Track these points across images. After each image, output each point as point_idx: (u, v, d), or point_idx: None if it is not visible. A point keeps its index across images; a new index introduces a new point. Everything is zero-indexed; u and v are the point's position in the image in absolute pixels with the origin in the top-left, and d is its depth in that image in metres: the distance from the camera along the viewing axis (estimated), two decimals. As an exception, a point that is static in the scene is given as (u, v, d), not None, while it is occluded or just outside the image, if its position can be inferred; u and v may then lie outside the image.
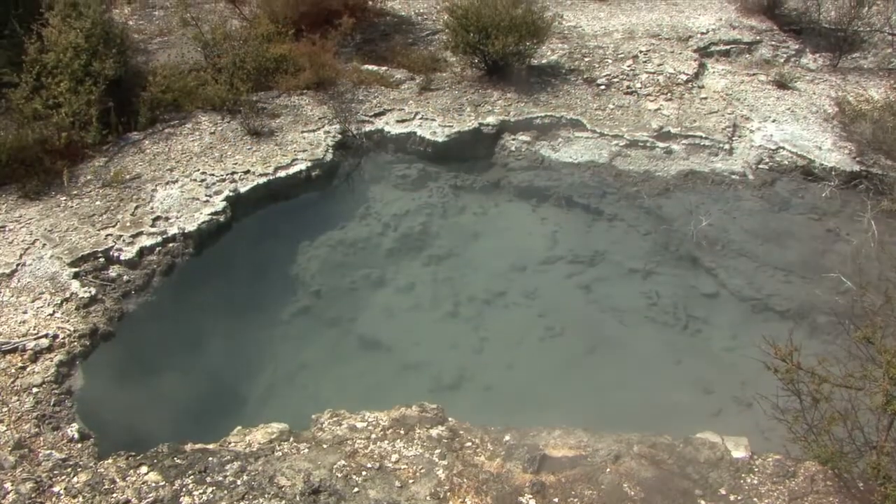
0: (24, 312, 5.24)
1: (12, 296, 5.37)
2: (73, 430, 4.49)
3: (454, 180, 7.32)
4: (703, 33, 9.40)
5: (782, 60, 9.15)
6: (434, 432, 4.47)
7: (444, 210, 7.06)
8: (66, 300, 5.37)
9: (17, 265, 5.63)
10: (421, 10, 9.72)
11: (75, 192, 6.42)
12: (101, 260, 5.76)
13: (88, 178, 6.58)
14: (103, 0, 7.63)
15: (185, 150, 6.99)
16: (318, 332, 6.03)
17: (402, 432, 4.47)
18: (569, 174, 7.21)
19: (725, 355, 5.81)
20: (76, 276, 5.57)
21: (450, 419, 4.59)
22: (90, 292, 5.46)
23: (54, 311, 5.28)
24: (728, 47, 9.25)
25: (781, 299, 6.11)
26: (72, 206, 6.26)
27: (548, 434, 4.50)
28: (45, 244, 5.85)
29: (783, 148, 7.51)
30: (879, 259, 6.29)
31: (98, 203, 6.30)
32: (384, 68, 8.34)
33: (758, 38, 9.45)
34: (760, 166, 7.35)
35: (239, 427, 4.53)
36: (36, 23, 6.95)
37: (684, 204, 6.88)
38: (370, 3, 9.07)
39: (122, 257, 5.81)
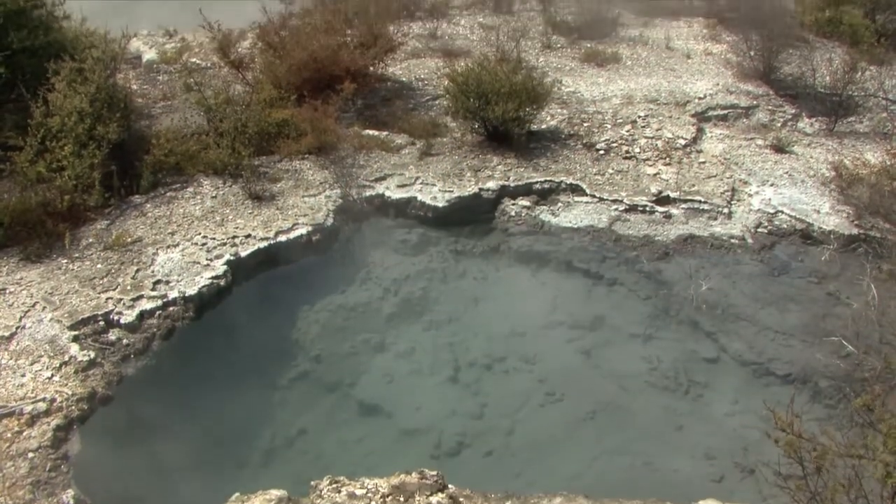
0: (23, 376, 5.32)
1: (11, 359, 5.46)
2: (68, 496, 4.52)
3: (454, 245, 7.46)
4: (700, 98, 9.68)
5: (779, 125, 9.40)
6: (434, 500, 4.50)
7: (444, 275, 7.18)
8: (65, 363, 5.46)
9: (17, 328, 5.73)
10: (421, 76, 10.02)
11: (77, 254, 6.56)
12: (101, 323, 5.87)
13: (90, 240, 6.73)
14: (108, 66, 7.86)
15: (186, 214, 7.16)
16: (317, 397, 6.09)
17: (401, 500, 4.50)
18: (569, 239, 7.36)
19: (727, 420, 5.86)
20: (75, 339, 5.66)
21: (450, 486, 4.62)
22: (89, 356, 5.55)
23: (53, 375, 5.36)
24: (725, 112, 9.52)
25: (782, 363, 6.19)
26: (73, 269, 6.39)
27: (549, 501, 4.54)
28: (45, 307, 5.96)
29: (782, 212, 7.68)
30: (880, 323, 6.37)
31: (99, 266, 6.44)
32: (385, 133, 8.57)
33: (755, 102, 9.73)
34: (759, 230, 7.51)
35: (237, 493, 4.56)
36: (42, 87, 7.19)
37: (684, 268, 7.01)
38: (371, 68, 9.35)
39: (122, 321, 5.91)
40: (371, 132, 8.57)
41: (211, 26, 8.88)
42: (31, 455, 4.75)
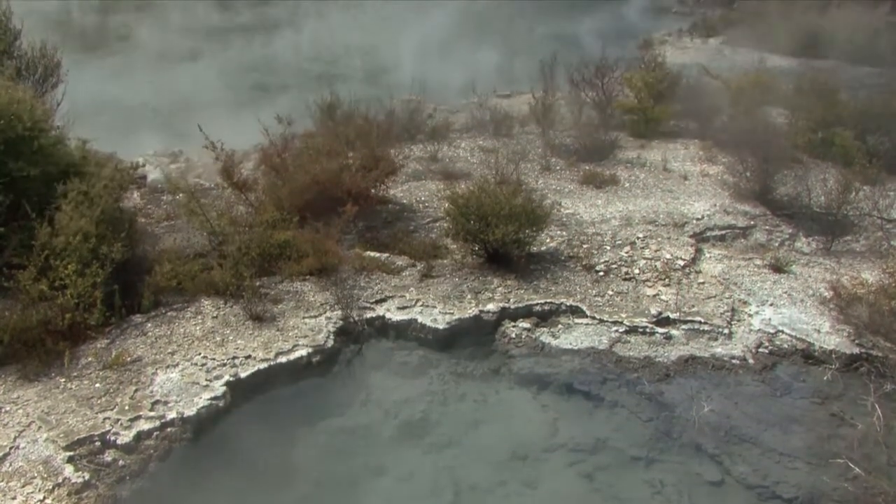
0: (13, 499, 5.43)
1: (2, 481, 5.58)
2: None
3: (455, 367, 7.67)
4: (698, 219, 10.10)
5: (777, 244, 9.78)
6: None
7: (444, 397, 7.36)
8: (59, 485, 5.59)
9: (11, 448, 5.88)
10: (422, 198, 10.48)
11: (75, 373, 6.78)
12: (98, 444, 6.02)
13: (89, 359, 6.95)
14: (114, 191, 8.25)
15: (187, 334, 7.41)
16: (315, 523, 6.16)
17: None
18: (569, 361, 7.57)
19: (734, 547, 5.91)
20: (70, 460, 5.81)
21: None
22: (84, 477, 5.68)
23: (45, 497, 5.49)
24: (723, 232, 9.92)
25: (788, 486, 6.28)
26: (71, 388, 6.59)
27: None
28: (40, 426, 6.12)
29: (782, 331, 7.93)
30: (887, 444, 6.49)
31: (97, 385, 6.63)
32: (386, 255, 8.93)
33: (752, 223, 10.14)
34: (760, 350, 7.74)
35: None
36: (49, 208, 7.55)
37: (686, 389, 7.20)
38: (373, 191, 9.79)
39: (118, 441, 6.07)
40: (372, 254, 8.93)
41: (214, 147, 9.36)
42: (22, 582, 4.80)
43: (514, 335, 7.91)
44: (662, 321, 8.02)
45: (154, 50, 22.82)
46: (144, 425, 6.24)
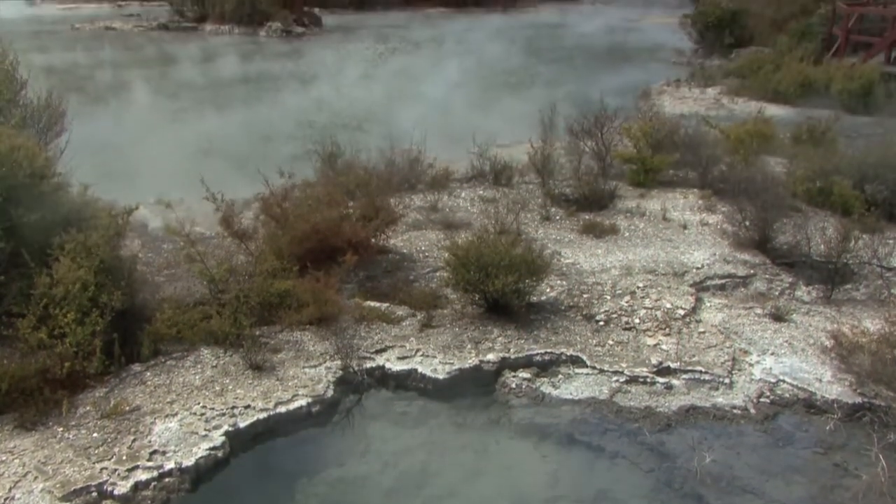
0: (6, 554, 5.44)
1: (0, 534, 5.60)
2: None
3: (455, 417, 7.69)
4: (698, 268, 10.20)
5: (777, 293, 9.86)
6: None
7: (444, 448, 7.37)
8: (54, 539, 5.59)
9: (6, 499, 5.88)
10: (422, 248, 10.61)
11: (73, 422, 6.82)
12: (94, 494, 6.04)
13: (87, 408, 7.00)
14: (113, 240, 8.36)
15: (186, 384, 7.46)
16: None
17: None
18: (570, 411, 7.61)
19: None
20: (66, 512, 5.82)
21: None
22: (80, 530, 5.68)
23: (39, 552, 5.49)
24: (723, 281, 10.00)
25: (792, 539, 6.28)
26: (68, 438, 6.62)
27: None
28: (37, 476, 6.14)
29: (783, 381, 7.97)
30: (892, 495, 6.50)
31: (95, 435, 6.67)
32: (386, 305, 9.02)
33: (752, 271, 10.24)
34: (762, 400, 7.77)
35: None
36: (48, 257, 7.65)
37: (687, 439, 7.22)
38: (373, 240, 9.92)
39: (115, 492, 6.08)
40: (372, 304, 9.02)
41: (215, 198, 9.50)
42: None
43: (514, 385, 7.95)
44: (663, 371, 8.07)
45: (165, 100, 23.29)
46: (142, 475, 6.26)
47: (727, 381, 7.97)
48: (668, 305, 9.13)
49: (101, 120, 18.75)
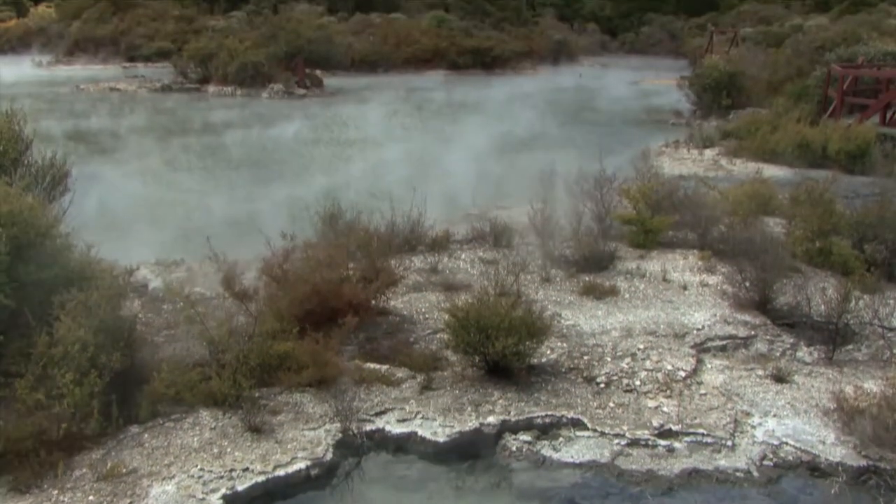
0: None
1: None
2: None
3: (455, 481, 7.66)
4: (698, 329, 10.24)
5: (778, 354, 9.88)
6: None
7: (444, 511, 7.33)
8: None
9: (2, 566, 5.86)
10: (423, 310, 10.67)
11: (69, 485, 6.79)
12: (91, 564, 6.00)
13: (84, 470, 6.98)
14: (113, 300, 8.42)
15: (184, 446, 7.45)
16: None
17: None
18: (571, 474, 7.57)
19: None
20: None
21: None
22: None
23: None
24: (724, 343, 10.04)
25: None
26: (63, 501, 6.59)
27: None
28: (31, 544, 6.11)
29: (786, 443, 7.95)
30: (898, 562, 6.46)
31: (91, 498, 6.64)
32: (386, 367, 9.04)
33: (753, 332, 10.28)
34: (765, 462, 7.74)
35: None
36: (48, 316, 7.71)
37: (689, 503, 7.17)
38: (373, 302, 9.99)
39: (111, 560, 6.04)
40: (372, 365, 9.05)
41: (216, 258, 9.59)
42: None
43: (514, 448, 7.93)
44: (665, 433, 8.05)
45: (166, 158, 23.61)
46: (138, 542, 6.23)
47: (729, 443, 7.95)
48: (669, 367, 9.15)
49: (100, 180, 18.98)
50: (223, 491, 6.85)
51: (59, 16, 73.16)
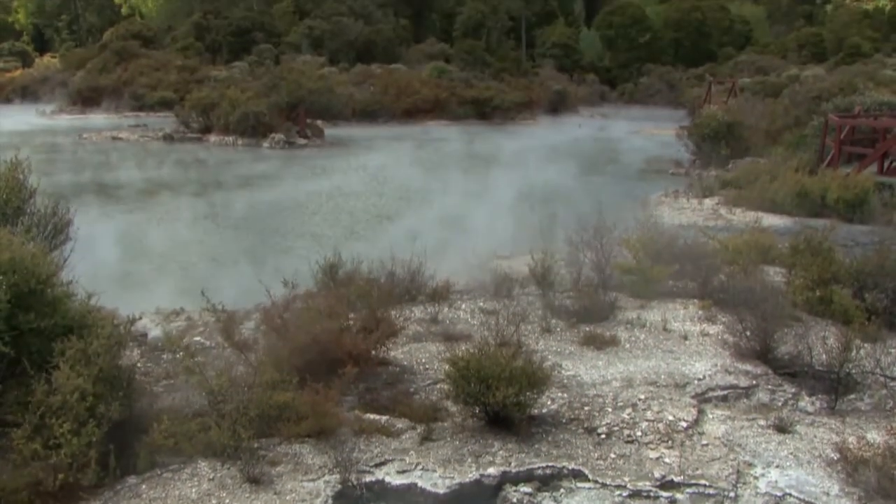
0: None
1: None
2: None
3: (455, 532, 7.62)
4: (699, 379, 10.24)
5: (780, 404, 9.87)
6: None
7: (444, 564, 7.27)
8: None
9: None
10: (423, 360, 10.68)
11: (65, 542, 6.75)
12: None
13: (79, 523, 6.95)
14: (113, 349, 8.45)
15: (181, 497, 7.43)
16: None
17: None
18: (572, 526, 7.54)
19: None
20: None
21: None
22: None
23: None
24: (725, 392, 10.03)
25: None
26: (58, 557, 6.56)
27: None
28: None
29: (790, 494, 7.91)
30: None
31: (87, 554, 6.61)
32: (386, 417, 9.03)
33: (754, 382, 10.27)
34: (768, 515, 7.70)
35: None
36: (47, 364, 7.72)
37: (693, 557, 7.13)
38: (373, 353, 10.01)
39: None
40: (372, 416, 9.04)
41: (216, 308, 9.64)
42: None
43: (515, 500, 7.89)
44: (666, 485, 8.02)
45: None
46: None
47: (732, 494, 7.90)
48: (671, 417, 9.14)
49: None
50: (221, 544, 6.81)
51: (63, 66, 74.45)
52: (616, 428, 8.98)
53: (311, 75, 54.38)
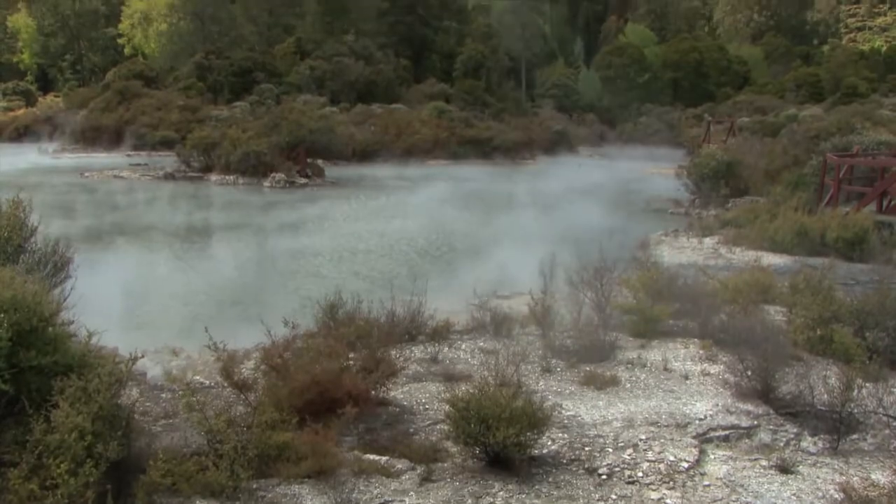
0: None
1: None
2: None
3: (455, 575, 7.56)
4: (700, 419, 10.22)
5: (782, 444, 9.83)
6: None
7: None
8: None
9: None
10: (422, 400, 10.67)
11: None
12: None
13: (75, 574, 6.88)
14: (113, 387, 8.44)
15: (179, 540, 7.38)
16: None
17: None
18: (573, 568, 7.48)
19: None
20: None
21: None
22: None
23: None
24: (727, 433, 10.00)
25: None
26: None
27: None
28: None
29: (793, 538, 7.87)
30: None
31: None
32: (385, 458, 9.00)
33: (755, 422, 10.25)
34: (772, 558, 7.65)
35: None
36: (46, 403, 7.70)
37: None
38: (373, 393, 10.00)
39: None
40: (371, 457, 9.00)
41: (216, 347, 9.65)
42: None
43: (516, 542, 7.86)
44: (669, 527, 7.98)
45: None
46: None
47: (735, 537, 7.86)
48: (672, 458, 9.11)
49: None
50: (218, 586, 6.76)
51: (66, 105, 75.19)
52: (617, 468, 8.95)
53: (312, 115, 54.82)
